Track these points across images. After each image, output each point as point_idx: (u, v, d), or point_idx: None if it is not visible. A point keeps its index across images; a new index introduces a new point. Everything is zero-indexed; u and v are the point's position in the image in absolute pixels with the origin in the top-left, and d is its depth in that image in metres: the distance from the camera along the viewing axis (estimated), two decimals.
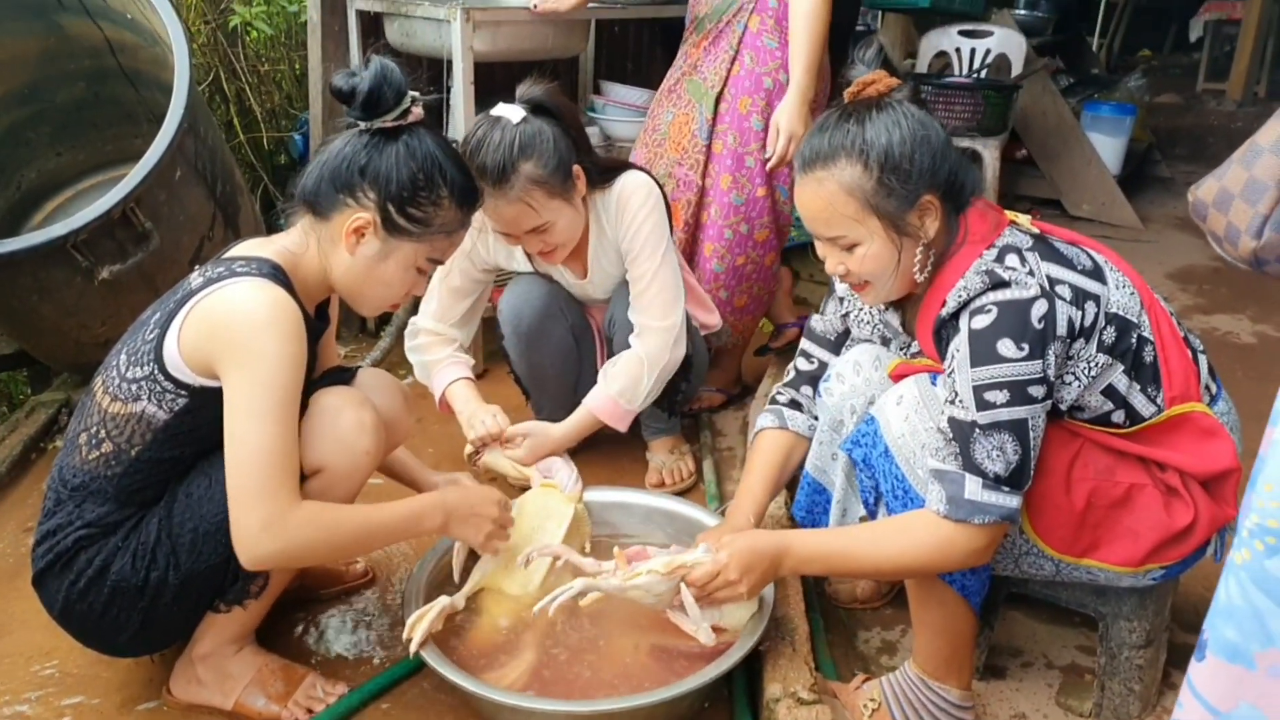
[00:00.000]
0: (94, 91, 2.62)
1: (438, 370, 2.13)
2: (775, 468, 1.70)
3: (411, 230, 1.43)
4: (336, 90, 1.40)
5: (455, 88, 2.57)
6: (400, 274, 1.46)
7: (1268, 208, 1.19)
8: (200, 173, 2.35)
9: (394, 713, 1.55)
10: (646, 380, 2.03)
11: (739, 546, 1.44)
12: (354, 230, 1.41)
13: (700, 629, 1.46)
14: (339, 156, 1.41)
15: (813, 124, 2.21)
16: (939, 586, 1.41)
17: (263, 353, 1.30)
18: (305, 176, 1.44)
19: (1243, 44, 6.15)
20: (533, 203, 1.89)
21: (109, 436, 1.37)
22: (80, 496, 1.39)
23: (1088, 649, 1.72)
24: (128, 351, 1.39)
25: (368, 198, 1.41)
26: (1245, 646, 0.85)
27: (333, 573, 1.84)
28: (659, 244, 2.03)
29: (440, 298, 2.14)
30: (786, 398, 1.74)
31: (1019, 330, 1.26)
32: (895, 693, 1.49)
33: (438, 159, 1.43)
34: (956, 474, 1.29)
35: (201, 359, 1.34)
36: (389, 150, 1.40)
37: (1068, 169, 4.52)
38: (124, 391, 1.36)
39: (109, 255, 2.16)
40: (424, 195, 1.42)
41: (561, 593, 1.43)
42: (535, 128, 1.87)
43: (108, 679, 1.60)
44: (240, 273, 1.36)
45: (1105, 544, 1.38)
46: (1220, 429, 1.38)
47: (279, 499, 1.31)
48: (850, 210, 1.35)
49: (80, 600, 1.39)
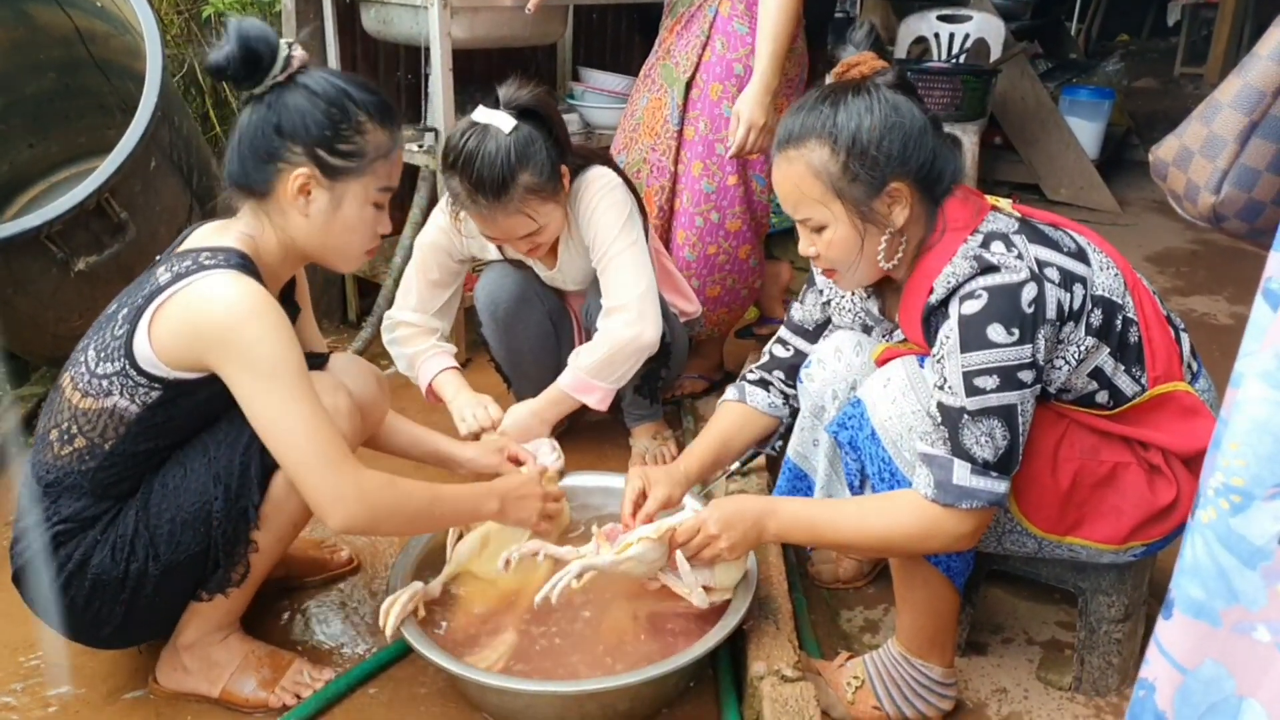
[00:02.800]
0: (65, 82, 2.58)
1: (422, 361, 2.12)
2: (722, 435, 1.71)
3: (350, 166, 1.39)
4: (210, 68, 1.34)
5: (433, 75, 2.56)
6: (360, 215, 1.43)
7: (1226, 162, 1.20)
8: (176, 163, 2.32)
9: (381, 698, 1.55)
10: (609, 353, 1.97)
11: (723, 504, 1.45)
12: (299, 190, 1.38)
13: (694, 591, 1.47)
14: (250, 128, 1.37)
15: (776, 113, 2.22)
16: (923, 566, 1.42)
17: (259, 340, 1.30)
18: (229, 163, 1.41)
19: (1220, 28, 6.20)
20: (530, 211, 1.88)
21: (81, 432, 1.36)
22: (55, 492, 1.38)
23: (1067, 624, 1.74)
24: (95, 347, 1.37)
25: (296, 154, 1.37)
26: (1210, 604, 0.87)
27: (318, 560, 1.84)
28: (613, 227, 1.99)
29: (418, 290, 2.12)
30: (755, 376, 1.75)
31: (1009, 315, 1.26)
32: (878, 670, 1.50)
33: (341, 88, 1.39)
34: (945, 459, 1.30)
35: (183, 354, 1.33)
36: (292, 100, 1.36)
37: (1046, 153, 4.54)
38: (94, 387, 1.35)
39: (85, 246, 2.14)
40: (345, 127, 1.38)
41: (561, 578, 1.43)
42: (526, 135, 1.85)
43: (94, 669, 1.60)
44: (209, 265, 1.33)
45: (1089, 522, 1.39)
46: (1202, 407, 1.39)
47: (345, 467, 1.34)
48: (815, 193, 1.35)
49: (62, 595, 1.38)
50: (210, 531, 1.38)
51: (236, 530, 1.40)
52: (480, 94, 3.02)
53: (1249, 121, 1.18)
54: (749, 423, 1.73)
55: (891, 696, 1.49)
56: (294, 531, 1.49)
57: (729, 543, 1.42)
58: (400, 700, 1.55)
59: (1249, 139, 1.19)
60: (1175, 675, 0.90)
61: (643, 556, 1.44)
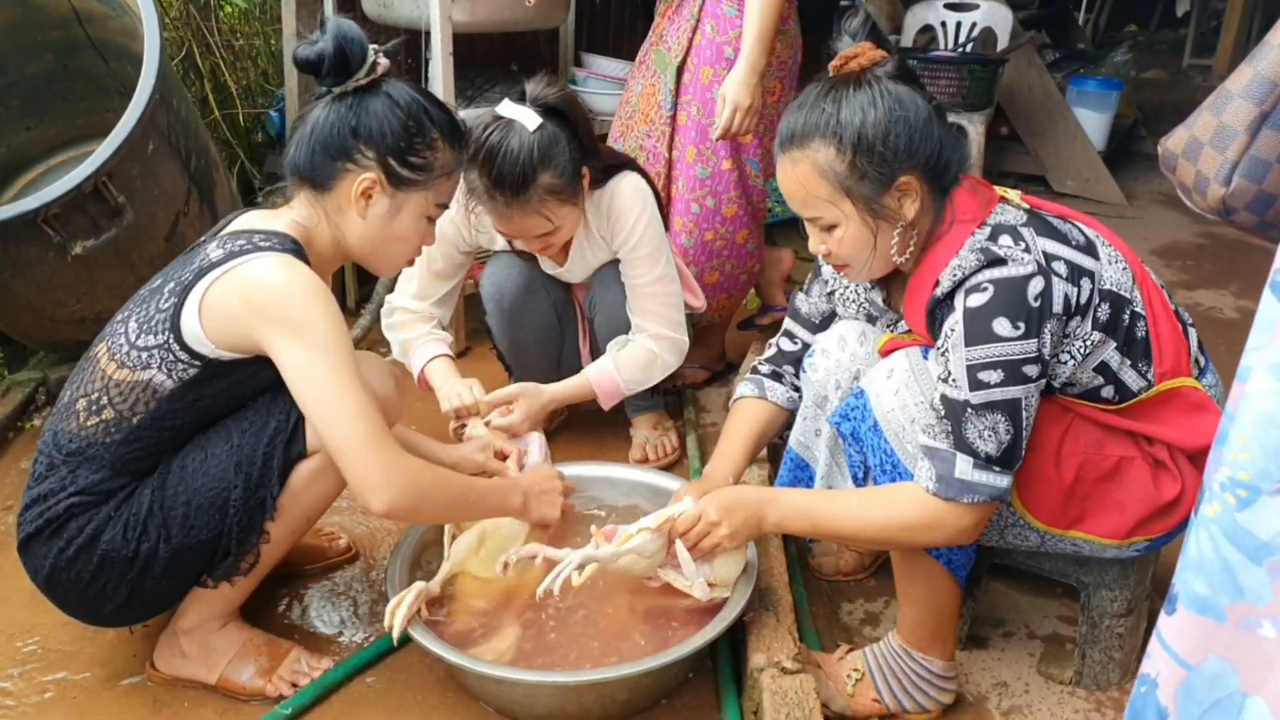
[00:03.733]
0: (63, 64, 2.56)
1: (416, 347, 2.12)
2: (753, 434, 1.69)
3: (416, 179, 1.44)
4: (302, 62, 1.39)
5: (433, 59, 2.54)
6: (414, 226, 1.47)
7: (1237, 154, 1.18)
8: (174, 147, 2.30)
9: (378, 687, 1.55)
10: (646, 370, 2.08)
11: (722, 493, 1.45)
12: (362, 193, 1.41)
13: (695, 584, 1.46)
14: (326, 124, 1.40)
15: (766, 95, 2.20)
16: (925, 560, 1.41)
17: (314, 319, 1.32)
18: (295, 152, 1.43)
19: (1229, 19, 6.16)
20: (548, 213, 1.87)
21: (110, 403, 1.36)
22: (75, 462, 1.37)
23: (1069, 619, 1.74)
24: (138, 319, 1.38)
25: (367, 157, 1.40)
26: (1215, 599, 0.86)
27: (317, 549, 1.83)
28: (659, 251, 2.04)
29: (421, 279, 2.12)
30: (768, 369, 1.73)
31: (1015, 308, 1.25)
32: (879, 663, 1.50)
33: (421, 103, 1.43)
34: (947, 452, 1.28)
35: (235, 332, 1.34)
36: (374, 106, 1.40)
37: (1053, 144, 4.51)
38: (133, 359, 1.36)
39: (82, 230, 2.13)
40: (419, 141, 1.42)
41: (562, 570, 1.42)
42: (551, 134, 1.83)
43: (91, 654, 1.59)
44: (264, 247, 1.36)
45: (1092, 516, 1.38)
46: (1209, 403, 1.37)
47: (388, 448, 1.34)
48: (824, 193, 1.33)
49: (68, 568, 1.37)
50: (226, 518, 1.38)
51: (252, 519, 1.39)
52: (481, 79, 3.00)
53: (1260, 112, 1.16)
54: (773, 417, 1.71)
55: (892, 689, 1.48)
56: (307, 525, 1.49)
57: (729, 529, 1.41)
58: (398, 690, 1.54)
59: (1260, 130, 1.17)
60: (1178, 671, 0.89)
61: (643, 548, 1.43)
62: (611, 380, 2.07)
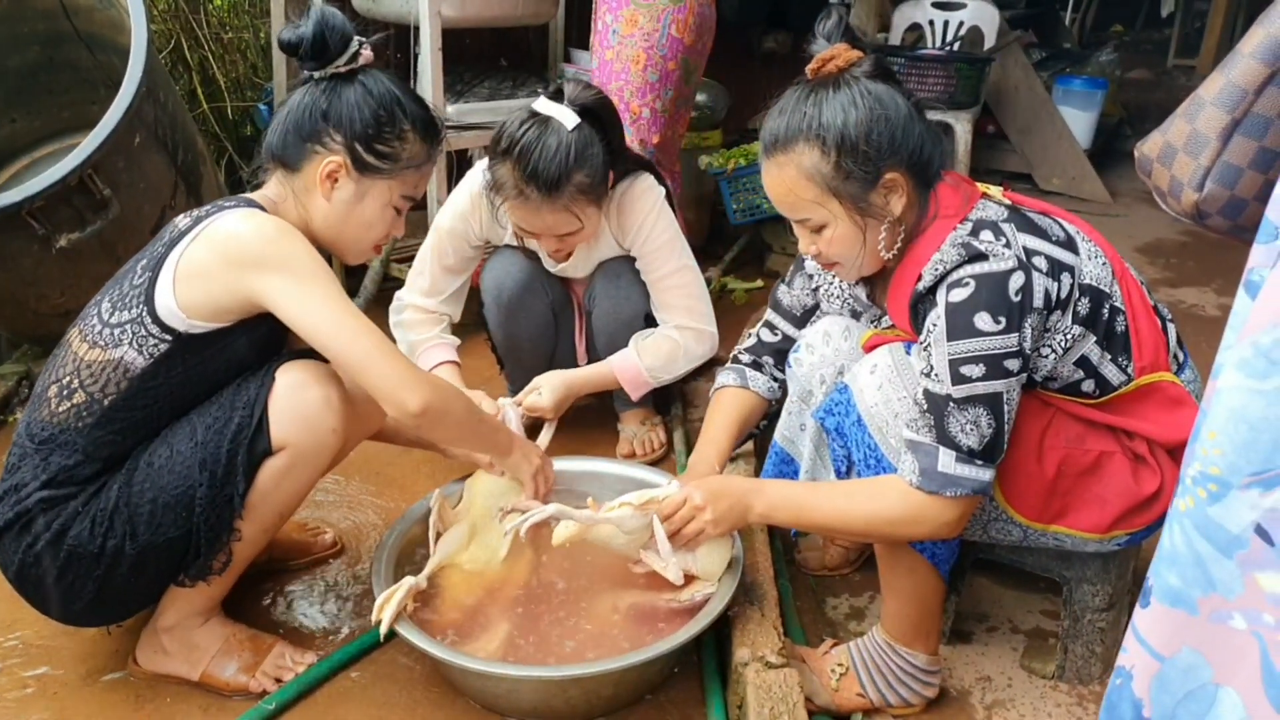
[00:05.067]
0: (48, 56, 2.54)
1: (423, 351, 2.12)
2: (736, 422, 1.71)
3: (382, 167, 1.45)
4: (284, 43, 1.42)
5: (422, 54, 2.53)
6: (378, 213, 1.49)
7: (1209, 160, 1.20)
8: (161, 140, 2.29)
9: (363, 682, 1.55)
10: (671, 360, 2.10)
11: (709, 479, 1.47)
12: (327, 175, 1.44)
13: (669, 565, 1.47)
14: (300, 107, 1.44)
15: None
16: (909, 554, 1.42)
17: (294, 253, 1.35)
18: (270, 133, 1.47)
19: (1213, 20, 6.21)
20: (577, 210, 1.88)
21: (82, 385, 1.36)
22: (47, 449, 1.37)
23: (1051, 613, 1.75)
24: (111, 298, 1.39)
25: (335, 141, 1.43)
26: (1188, 592, 0.87)
27: (301, 543, 1.83)
28: (674, 241, 2.07)
29: (432, 275, 2.13)
30: (749, 359, 1.74)
31: (996, 303, 1.26)
32: (863, 658, 1.51)
33: (396, 95, 1.46)
34: (930, 446, 1.29)
35: (210, 292, 1.35)
36: (348, 92, 1.43)
37: (1039, 143, 4.54)
38: (104, 337, 1.36)
39: (67, 223, 2.11)
40: (388, 131, 1.44)
41: (533, 515, 1.43)
42: (587, 135, 1.84)
43: (72, 650, 1.59)
44: (228, 206, 1.39)
45: (1074, 511, 1.39)
46: (1188, 398, 1.39)
47: (406, 361, 1.40)
48: (811, 195, 1.34)
49: (36, 564, 1.37)
50: (192, 517, 1.37)
51: (220, 518, 1.39)
52: (470, 74, 2.99)
53: (1231, 119, 1.18)
54: (755, 406, 1.74)
55: (876, 684, 1.49)
56: (279, 521, 1.48)
57: (714, 516, 1.42)
58: (383, 685, 1.54)
59: (1231, 136, 1.19)
60: (1152, 663, 0.90)
61: (621, 523, 1.44)
62: (634, 367, 2.08)
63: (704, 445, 1.68)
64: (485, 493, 1.66)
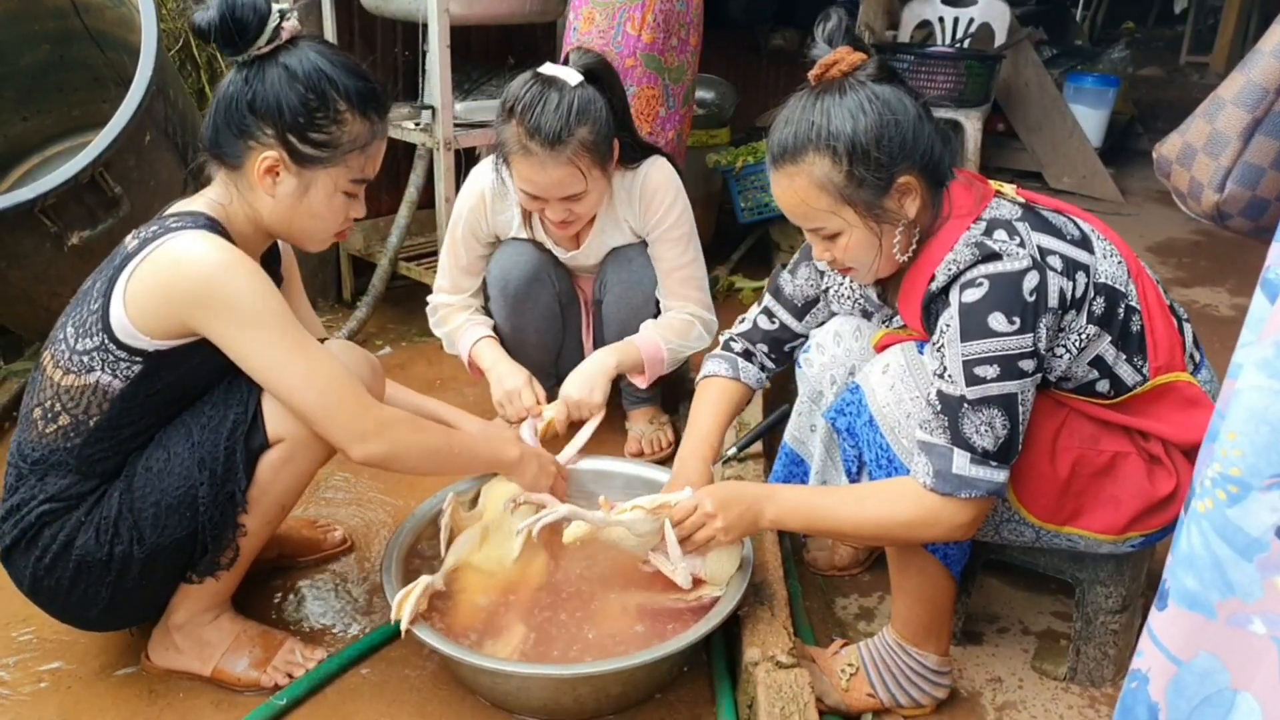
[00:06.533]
0: (59, 54, 2.55)
1: (460, 335, 2.17)
2: (724, 413, 1.68)
3: (321, 156, 1.36)
4: (194, 29, 1.30)
5: (430, 52, 2.53)
6: (326, 204, 1.40)
7: (1230, 160, 1.19)
8: (171, 138, 2.30)
9: (373, 678, 1.55)
10: (691, 346, 2.13)
11: (720, 486, 1.45)
12: (265, 171, 1.35)
13: (678, 569, 1.46)
14: (225, 98, 1.34)
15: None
16: (920, 554, 1.41)
17: (238, 291, 1.28)
18: (204, 127, 1.38)
19: (1227, 16, 6.16)
20: (582, 167, 1.87)
21: (65, 409, 1.34)
22: (41, 470, 1.36)
23: (1063, 614, 1.74)
24: (74, 324, 1.35)
25: (266, 134, 1.33)
26: (1205, 595, 0.86)
27: (311, 541, 1.83)
28: (690, 235, 2.11)
29: (451, 275, 2.18)
30: (740, 347, 1.71)
31: (1010, 303, 1.25)
32: (873, 658, 1.50)
33: (324, 72, 1.33)
34: (944, 448, 1.28)
35: (162, 319, 1.31)
36: (270, 77, 1.32)
37: (1049, 141, 4.52)
38: (75, 364, 1.33)
39: (78, 221, 2.12)
40: (321, 116, 1.33)
41: (545, 515, 1.43)
42: (590, 94, 1.86)
43: (86, 645, 1.59)
44: (175, 228, 1.32)
45: (1087, 512, 1.38)
46: (1204, 398, 1.38)
47: (358, 403, 1.35)
48: (824, 204, 1.32)
49: (48, 576, 1.37)
50: (197, 516, 1.37)
51: (224, 515, 1.39)
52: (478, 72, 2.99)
53: (1252, 118, 1.16)
54: (743, 397, 1.72)
55: (886, 684, 1.48)
56: (282, 514, 1.48)
57: (725, 523, 1.41)
58: (392, 681, 1.54)
59: (1252, 136, 1.17)
60: (1169, 667, 0.90)
61: (633, 526, 1.44)
62: (654, 344, 2.09)
63: (693, 440, 1.65)
64: (502, 497, 1.66)
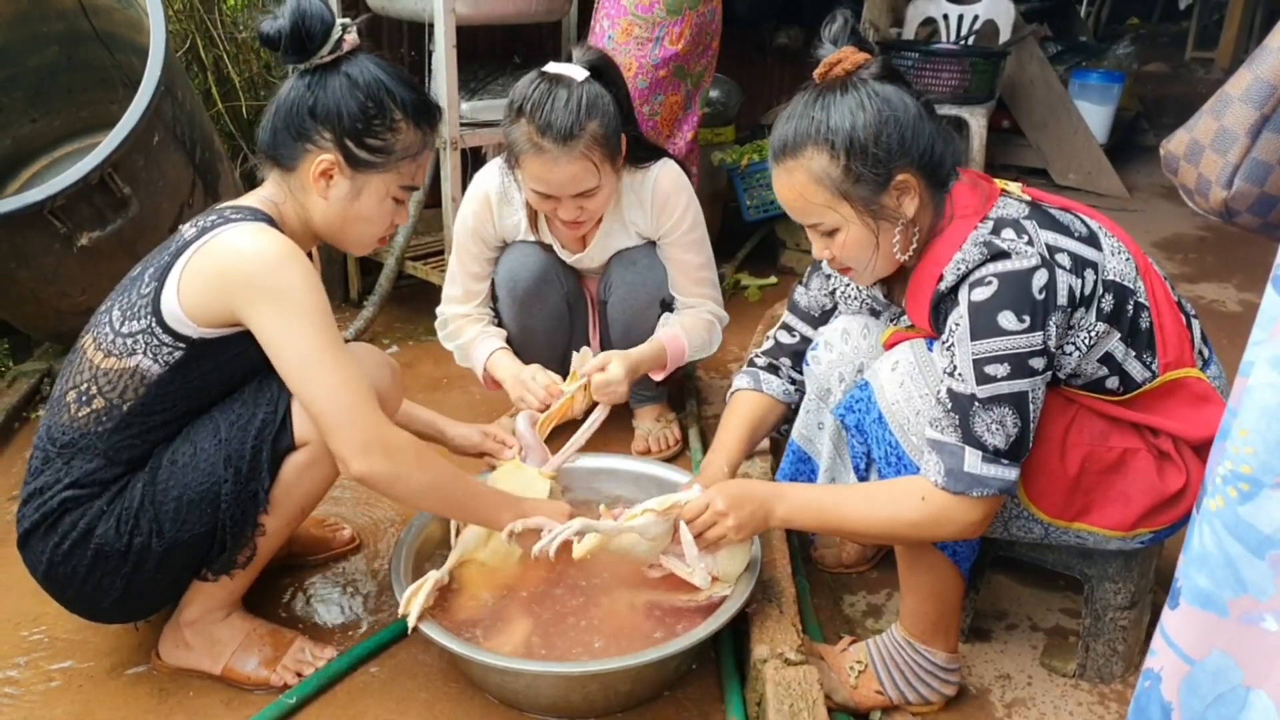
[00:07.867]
0: (68, 55, 2.56)
1: (474, 348, 2.16)
2: (749, 427, 1.71)
3: (376, 161, 1.42)
4: (263, 38, 1.37)
5: (437, 52, 2.53)
6: (377, 207, 1.46)
7: (1238, 157, 1.18)
8: (179, 138, 2.30)
9: (382, 676, 1.55)
10: (708, 348, 2.18)
11: (730, 484, 1.46)
12: (321, 174, 1.41)
13: (695, 570, 1.46)
14: (286, 103, 1.40)
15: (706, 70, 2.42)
16: (929, 551, 1.41)
17: (290, 284, 1.31)
18: (262, 130, 1.44)
19: (1232, 12, 6.14)
20: (595, 161, 1.87)
21: (100, 392, 1.36)
22: (69, 454, 1.38)
23: (1072, 611, 1.74)
24: (121, 307, 1.38)
25: (324, 138, 1.39)
26: (1218, 594, 0.86)
27: (320, 539, 1.84)
28: (704, 237, 2.14)
29: (462, 283, 2.17)
30: (764, 362, 1.74)
31: (1020, 302, 1.25)
32: (881, 655, 1.50)
33: (383, 83, 1.41)
34: (955, 446, 1.28)
35: (212, 305, 1.34)
36: (332, 85, 1.38)
37: (1055, 137, 4.51)
38: (118, 346, 1.36)
39: (87, 221, 2.13)
40: (379, 123, 1.40)
41: (560, 533, 1.43)
42: (597, 90, 1.87)
43: (96, 644, 1.60)
44: (235, 219, 1.36)
45: (1097, 508, 1.38)
46: (1213, 394, 1.38)
47: (374, 418, 1.34)
48: (822, 199, 1.34)
49: (64, 563, 1.38)
50: (218, 513, 1.38)
51: (245, 513, 1.40)
52: (484, 71, 3.00)
53: (1260, 115, 1.16)
54: (770, 410, 1.73)
55: (894, 681, 1.49)
56: (302, 516, 1.49)
57: (736, 521, 1.41)
58: (402, 680, 1.55)
59: (1260, 133, 1.17)
60: (1182, 665, 0.90)
61: (645, 530, 1.44)
62: (678, 341, 2.11)
63: (715, 450, 1.68)
64: (509, 488, 1.66)
